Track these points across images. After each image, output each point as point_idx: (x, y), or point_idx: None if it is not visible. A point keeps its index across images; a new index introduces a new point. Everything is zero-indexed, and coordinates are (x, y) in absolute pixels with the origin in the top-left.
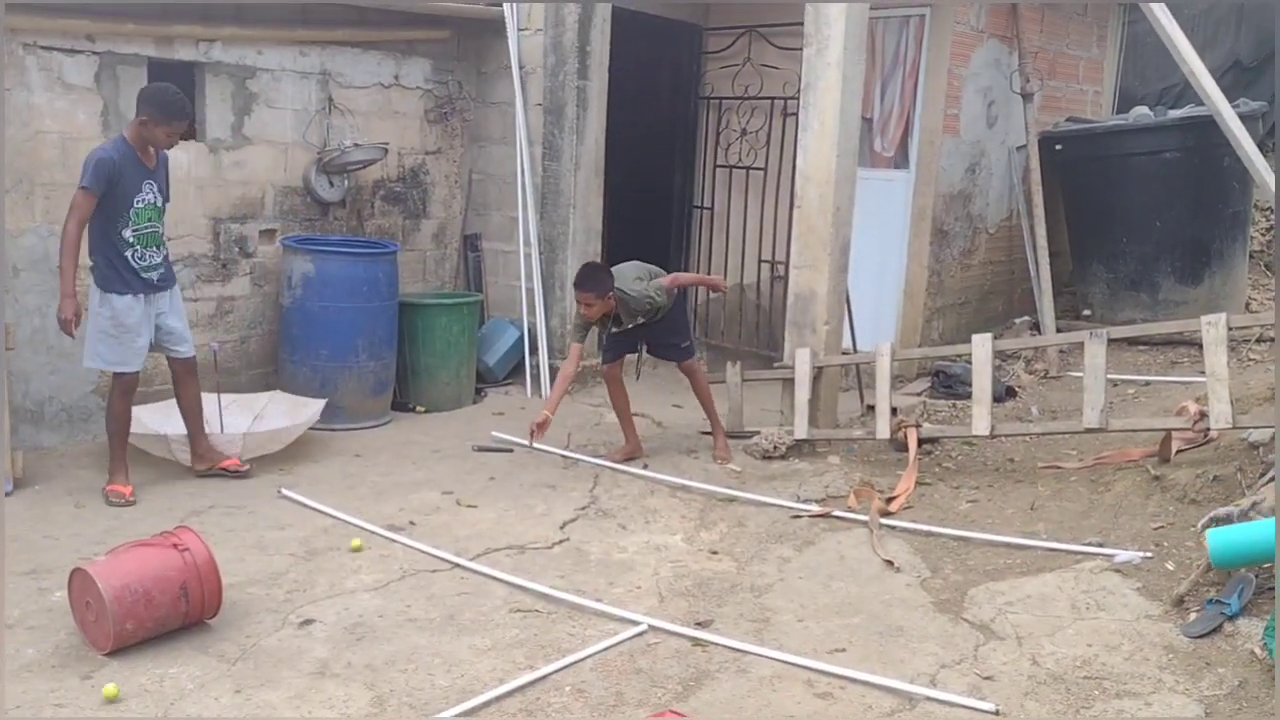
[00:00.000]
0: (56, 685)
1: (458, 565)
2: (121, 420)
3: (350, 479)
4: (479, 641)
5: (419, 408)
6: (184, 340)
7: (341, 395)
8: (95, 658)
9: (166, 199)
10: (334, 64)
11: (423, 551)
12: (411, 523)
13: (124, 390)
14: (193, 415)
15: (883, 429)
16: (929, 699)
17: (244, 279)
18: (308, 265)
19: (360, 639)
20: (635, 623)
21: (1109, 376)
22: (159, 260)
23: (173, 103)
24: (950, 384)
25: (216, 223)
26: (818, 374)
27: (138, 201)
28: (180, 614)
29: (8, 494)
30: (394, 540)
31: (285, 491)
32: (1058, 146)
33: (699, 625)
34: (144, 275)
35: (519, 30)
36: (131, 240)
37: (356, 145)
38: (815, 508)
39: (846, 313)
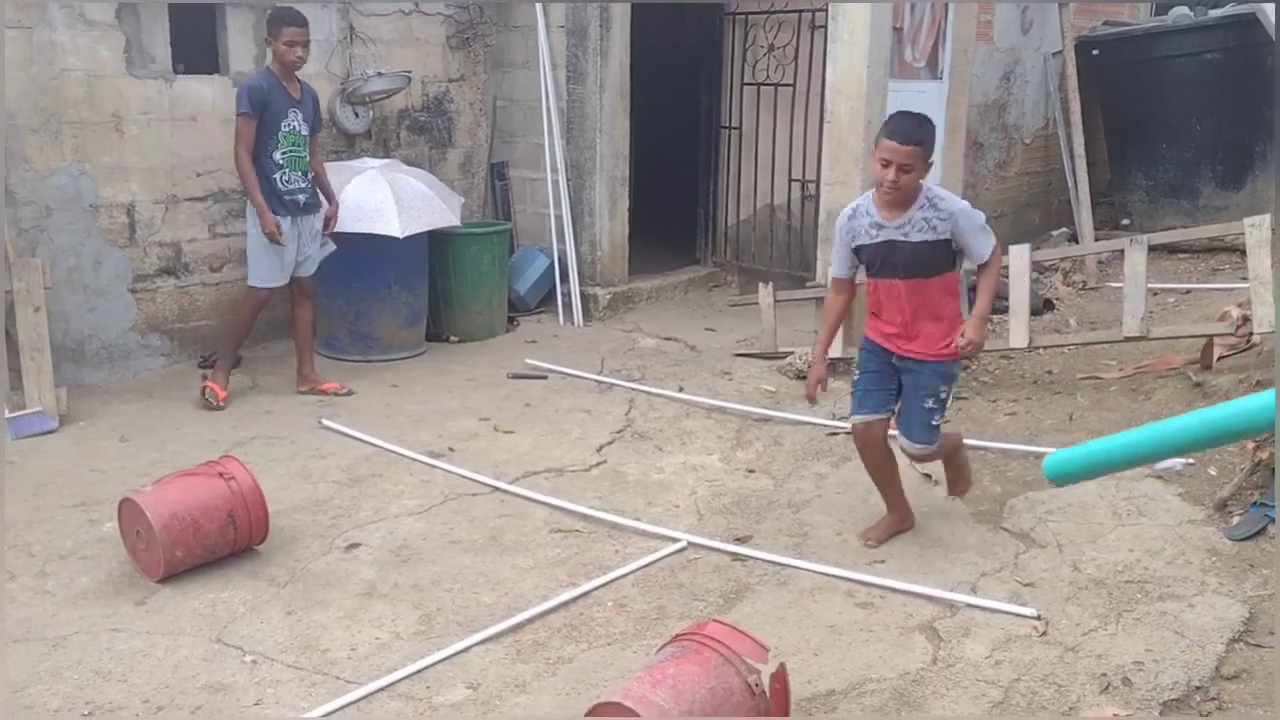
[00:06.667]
0: (111, 611)
1: (497, 489)
2: (242, 329)
3: (388, 408)
4: (521, 561)
5: (452, 338)
6: (312, 262)
7: (375, 327)
8: (147, 584)
9: (313, 129)
10: None
11: (463, 476)
12: (450, 449)
13: (257, 305)
14: (303, 337)
15: None
16: (970, 605)
17: None
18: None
19: (406, 561)
20: (675, 540)
21: (1149, 285)
22: (304, 185)
23: (275, 14)
24: None
25: None
26: None
27: (284, 126)
28: (229, 541)
29: (52, 430)
30: (434, 466)
31: (325, 422)
32: (1095, 51)
33: (738, 541)
34: (287, 198)
35: None
36: (280, 163)
37: (379, 74)
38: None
39: None
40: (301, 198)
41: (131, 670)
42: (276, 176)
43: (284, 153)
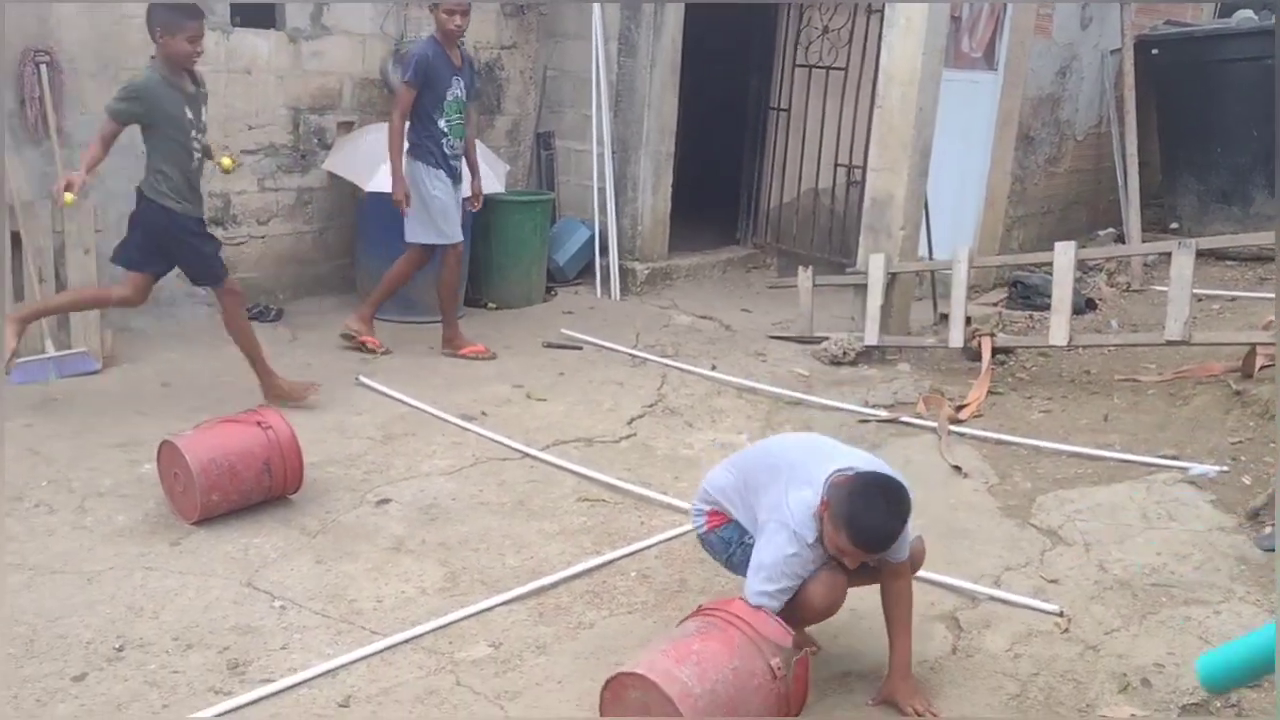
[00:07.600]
0: (146, 550)
1: (528, 455)
2: (452, 289)
3: (424, 369)
4: (548, 526)
5: (490, 304)
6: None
7: (415, 289)
8: (182, 526)
9: (470, 98)
10: None
11: (494, 440)
12: (483, 413)
13: (458, 258)
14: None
15: (956, 337)
16: (993, 598)
17: (322, 171)
18: None
19: (434, 519)
20: None
21: (1194, 290)
22: (460, 151)
23: None
24: (1028, 294)
25: (296, 113)
26: (891, 280)
27: (449, 95)
28: (263, 488)
29: (96, 371)
30: (467, 428)
31: (362, 379)
32: (1154, 51)
33: None
34: (452, 162)
35: None
36: (445, 130)
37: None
38: (883, 413)
39: (924, 219)
40: (458, 164)
41: (163, 608)
42: (443, 142)
43: (448, 120)
